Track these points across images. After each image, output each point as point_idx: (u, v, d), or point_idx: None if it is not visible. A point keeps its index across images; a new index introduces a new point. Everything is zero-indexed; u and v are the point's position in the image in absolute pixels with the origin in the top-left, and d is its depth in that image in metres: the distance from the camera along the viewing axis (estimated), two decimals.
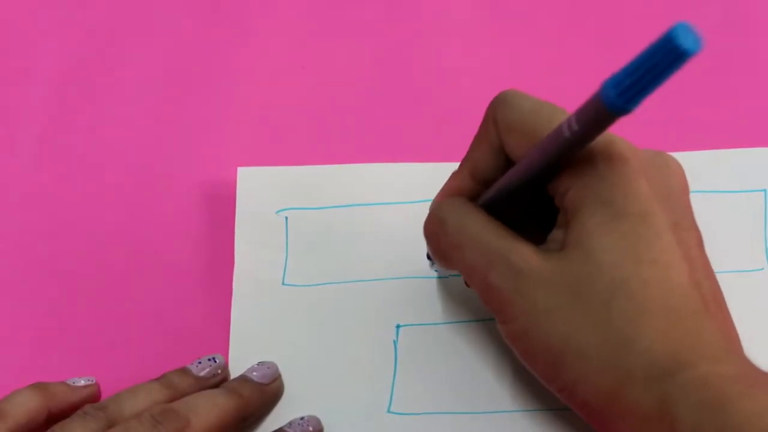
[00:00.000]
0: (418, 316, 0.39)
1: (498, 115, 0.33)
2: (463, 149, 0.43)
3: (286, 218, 0.42)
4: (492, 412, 0.37)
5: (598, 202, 0.30)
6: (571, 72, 0.46)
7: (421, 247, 0.41)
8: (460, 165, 0.35)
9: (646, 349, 0.29)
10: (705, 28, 0.47)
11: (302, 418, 0.37)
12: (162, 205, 0.43)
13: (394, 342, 0.39)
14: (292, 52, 0.47)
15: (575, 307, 0.30)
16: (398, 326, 0.39)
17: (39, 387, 0.36)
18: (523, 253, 0.31)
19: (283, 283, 0.40)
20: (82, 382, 0.37)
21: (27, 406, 0.35)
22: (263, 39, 0.48)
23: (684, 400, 0.28)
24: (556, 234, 0.32)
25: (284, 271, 0.41)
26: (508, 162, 0.33)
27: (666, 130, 0.43)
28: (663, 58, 0.25)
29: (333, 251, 0.41)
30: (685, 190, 0.33)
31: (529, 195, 0.33)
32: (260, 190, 0.42)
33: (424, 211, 0.41)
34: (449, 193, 0.35)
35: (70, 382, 0.37)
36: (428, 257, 0.39)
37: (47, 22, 0.48)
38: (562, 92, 0.45)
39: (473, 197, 0.34)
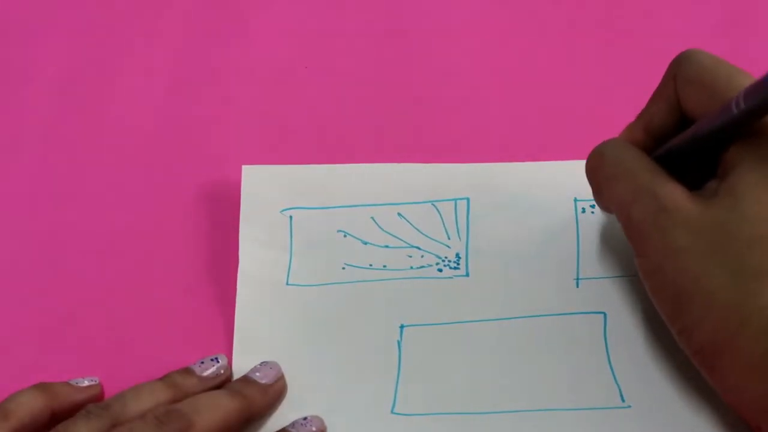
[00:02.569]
0: (423, 317, 0.39)
1: (678, 70, 0.34)
2: (466, 149, 0.43)
3: (291, 217, 0.42)
4: (496, 413, 0.37)
5: (757, 160, 0.31)
6: (573, 72, 0.46)
7: (425, 246, 0.41)
8: (636, 118, 0.36)
9: (766, 305, 0.30)
10: (710, 28, 0.47)
11: (305, 419, 0.37)
12: (166, 203, 0.43)
13: (398, 342, 0.39)
14: (295, 52, 0.47)
15: (712, 252, 0.31)
16: (402, 326, 0.39)
17: (42, 387, 0.36)
18: (671, 190, 0.33)
19: (287, 283, 0.40)
20: (86, 383, 0.37)
21: (30, 406, 0.35)
22: (267, 38, 0.48)
23: None
24: (712, 183, 0.33)
25: (288, 270, 0.41)
26: (682, 119, 0.34)
27: None
28: None
29: (337, 251, 0.41)
30: None
31: (695, 158, 0.34)
32: (265, 188, 0.42)
33: (428, 211, 0.42)
34: None
35: (73, 382, 0.37)
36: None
37: (48, 21, 0.49)
38: (564, 92, 0.45)
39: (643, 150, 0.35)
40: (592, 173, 0.36)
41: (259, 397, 0.37)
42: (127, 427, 0.34)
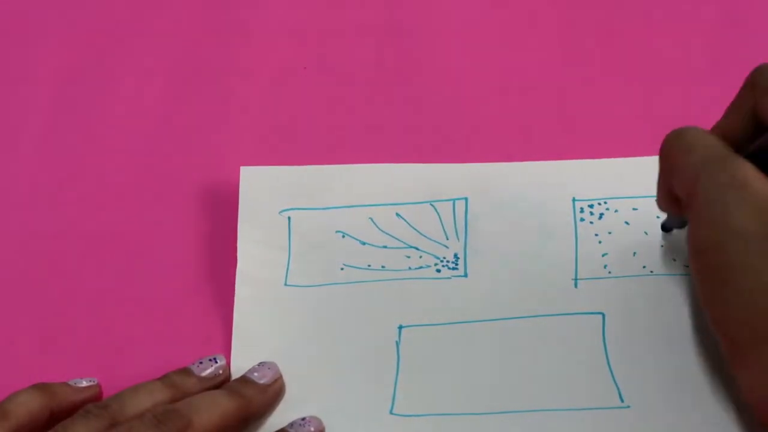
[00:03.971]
0: (421, 317, 0.39)
1: (757, 81, 0.34)
2: (464, 149, 0.44)
3: (289, 218, 0.42)
4: (494, 413, 0.37)
5: None
6: (572, 72, 0.46)
7: (423, 247, 0.41)
8: (712, 128, 0.35)
9: None
10: (709, 28, 0.47)
11: (304, 419, 0.37)
12: (165, 204, 0.43)
13: (397, 343, 0.39)
14: (294, 53, 0.47)
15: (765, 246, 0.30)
16: (400, 327, 0.39)
17: (41, 387, 0.36)
18: (745, 166, 0.31)
19: (285, 284, 0.40)
20: (84, 383, 0.37)
21: (29, 406, 0.35)
22: (265, 39, 0.48)
23: None
24: None
25: (287, 271, 0.41)
26: (757, 130, 0.34)
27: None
28: None
29: (335, 252, 0.41)
30: None
31: None
32: (263, 189, 0.42)
33: (426, 211, 0.42)
34: None
35: (72, 383, 0.37)
36: (662, 227, 0.39)
37: (48, 21, 0.49)
38: (563, 92, 0.45)
39: None
40: (667, 146, 0.35)
41: (258, 397, 0.37)
42: (126, 426, 0.34)
